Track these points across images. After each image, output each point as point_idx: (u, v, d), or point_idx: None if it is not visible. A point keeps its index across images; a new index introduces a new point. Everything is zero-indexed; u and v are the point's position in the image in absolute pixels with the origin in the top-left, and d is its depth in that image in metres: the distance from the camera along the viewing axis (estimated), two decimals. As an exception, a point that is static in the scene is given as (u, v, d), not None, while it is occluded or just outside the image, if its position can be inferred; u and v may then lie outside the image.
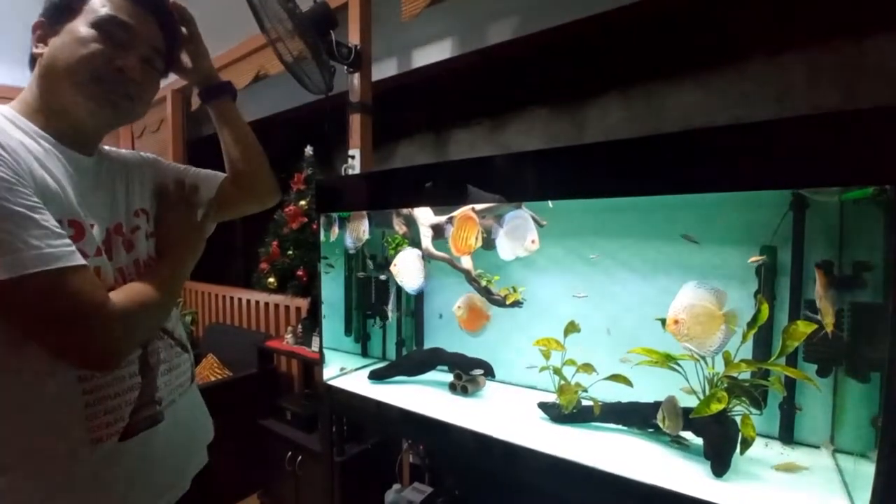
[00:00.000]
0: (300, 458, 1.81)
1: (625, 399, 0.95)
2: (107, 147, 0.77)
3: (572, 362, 0.98)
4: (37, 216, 0.53)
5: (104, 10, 0.63)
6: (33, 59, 0.65)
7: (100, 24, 0.63)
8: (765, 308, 0.75)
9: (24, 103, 0.64)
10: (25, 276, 0.51)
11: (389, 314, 1.38)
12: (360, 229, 1.29)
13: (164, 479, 0.72)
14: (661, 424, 0.86)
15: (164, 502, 0.73)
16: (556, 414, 1.00)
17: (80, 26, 0.63)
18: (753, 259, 0.86)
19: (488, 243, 1.11)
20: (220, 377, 2.27)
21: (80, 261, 0.56)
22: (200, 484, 0.82)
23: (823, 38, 1.15)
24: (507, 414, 1.07)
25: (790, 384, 0.86)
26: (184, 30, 0.80)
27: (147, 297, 0.64)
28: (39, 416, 0.58)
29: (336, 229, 1.34)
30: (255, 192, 0.91)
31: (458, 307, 1.17)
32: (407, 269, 1.21)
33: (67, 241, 0.56)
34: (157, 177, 0.82)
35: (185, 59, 0.83)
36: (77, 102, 0.63)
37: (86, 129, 0.67)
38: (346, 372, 1.35)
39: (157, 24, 0.69)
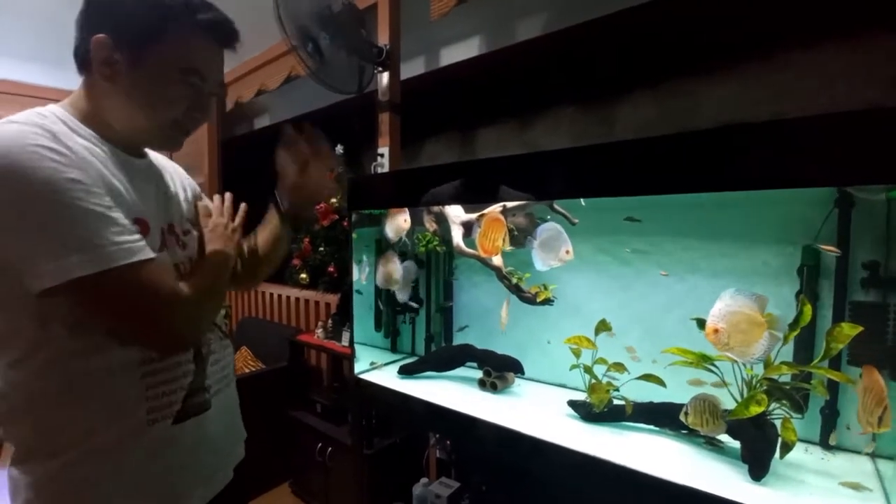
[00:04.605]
0: (330, 449, 1.85)
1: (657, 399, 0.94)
2: (159, 153, 0.81)
3: (603, 361, 0.98)
4: (113, 215, 0.57)
5: (191, 60, 0.65)
6: (85, 65, 0.64)
7: (186, 78, 0.65)
8: (807, 309, 0.73)
9: (78, 109, 0.65)
10: (109, 269, 0.55)
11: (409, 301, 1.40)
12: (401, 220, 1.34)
13: (210, 467, 0.76)
14: (683, 419, 0.85)
15: (211, 490, 0.76)
16: (586, 412, 1.00)
17: (168, 72, 0.64)
18: (827, 248, 0.81)
19: (518, 241, 1.12)
20: (253, 369, 2.35)
21: (152, 254, 0.60)
22: (234, 472, 0.85)
23: (864, 31, 1.10)
24: (536, 411, 1.08)
25: (832, 388, 0.83)
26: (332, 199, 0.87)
27: (207, 287, 0.69)
28: (102, 397, 0.62)
29: (364, 276, 1.41)
30: (252, 276, 0.94)
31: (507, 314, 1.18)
32: (393, 225, 1.31)
33: (139, 236, 0.60)
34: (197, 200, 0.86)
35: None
36: (148, 137, 0.69)
37: (142, 145, 0.73)
38: (376, 366, 1.38)
39: (222, 54, 0.71)
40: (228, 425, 0.82)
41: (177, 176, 0.83)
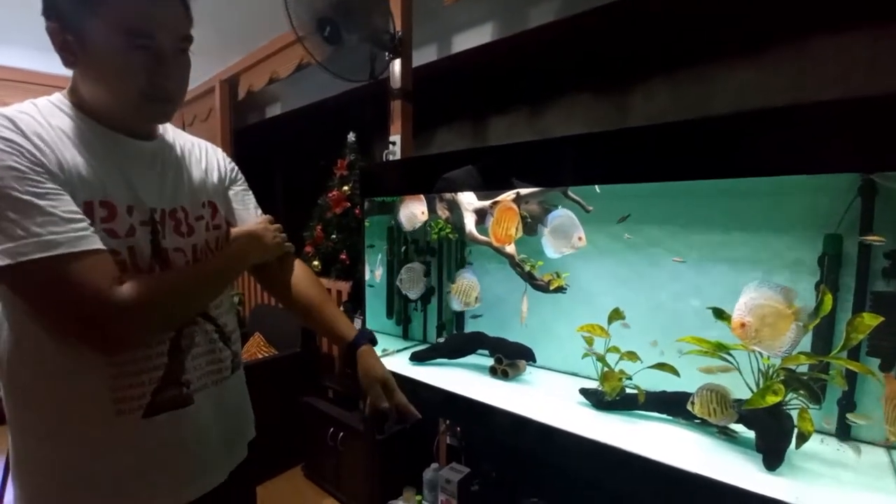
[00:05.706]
0: (341, 434, 1.88)
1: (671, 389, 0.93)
2: (185, 135, 0.79)
3: (616, 349, 0.97)
4: (43, 203, 0.54)
5: (132, 20, 0.59)
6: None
7: (133, 42, 0.59)
8: (828, 299, 0.71)
9: (72, 91, 0.65)
10: (24, 262, 0.52)
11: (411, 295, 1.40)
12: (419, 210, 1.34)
13: (195, 466, 0.71)
14: (689, 408, 0.85)
15: (197, 489, 0.72)
16: (598, 400, 1.00)
17: (113, 40, 0.59)
18: (872, 238, 0.76)
19: (531, 229, 1.11)
20: (266, 355, 2.38)
21: (90, 246, 0.56)
22: (247, 456, 0.84)
23: (885, 18, 1.07)
24: (547, 399, 1.08)
25: (850, 380, 0.82)
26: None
27: (176, 286, 0.65)
28: (71, 381, 0.61)
29: (378, 273, 1.42)
30: (271, 287, 0.92)
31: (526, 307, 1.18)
32: (407, 214, 1.32)
33: (79, 226, 0.56)
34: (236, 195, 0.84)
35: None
36: (123, 115, 0.65)
37: (132, 125, 0.68)
38: (388, 353, 1.39)
39: (175, 1, 0.63)
40: (222, 424, 0.76)
41: (207, 159, 0.80)
